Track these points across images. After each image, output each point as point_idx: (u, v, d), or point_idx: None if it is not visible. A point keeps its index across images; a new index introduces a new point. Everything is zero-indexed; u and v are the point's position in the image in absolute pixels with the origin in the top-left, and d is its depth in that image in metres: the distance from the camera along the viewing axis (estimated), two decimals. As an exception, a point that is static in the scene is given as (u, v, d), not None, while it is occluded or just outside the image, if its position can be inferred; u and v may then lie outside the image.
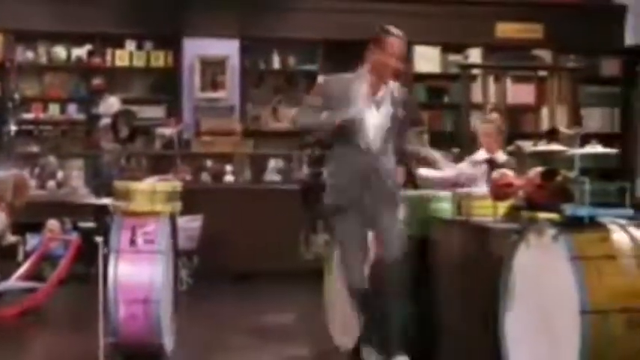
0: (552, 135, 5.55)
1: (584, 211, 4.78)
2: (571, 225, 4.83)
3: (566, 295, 4.67)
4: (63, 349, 7.10)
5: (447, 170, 6.65)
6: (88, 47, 12.15)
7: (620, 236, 4.87)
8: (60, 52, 12.11)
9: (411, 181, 9.22)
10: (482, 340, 5.57)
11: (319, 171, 10.92)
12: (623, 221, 4.96)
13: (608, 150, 5.10)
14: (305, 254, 10.48)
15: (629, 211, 4.92)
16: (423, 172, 7.05)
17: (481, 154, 7.70)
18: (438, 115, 12.73)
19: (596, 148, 5.01)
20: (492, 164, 7.22)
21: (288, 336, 7.66)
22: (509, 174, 5.53)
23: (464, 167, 7.45)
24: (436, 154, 6.51)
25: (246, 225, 10.24)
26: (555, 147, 5.28)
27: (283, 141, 11.99)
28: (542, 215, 5.13)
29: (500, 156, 7.53)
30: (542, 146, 5.48)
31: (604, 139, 6.20)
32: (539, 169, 5.12)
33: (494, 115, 7.92)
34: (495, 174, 5.62)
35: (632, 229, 4.93)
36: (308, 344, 7.33)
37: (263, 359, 6.82)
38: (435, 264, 6.37)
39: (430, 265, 6.41)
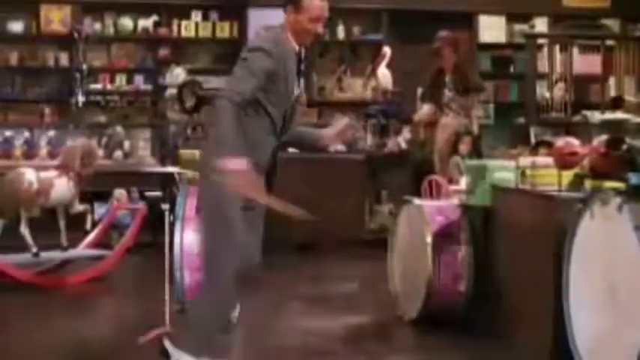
0: (617, 103, 5.51)
1: (649, 180, 4.74)
2: (636, 194, 4.79)
3: (632, 265, 4.64)
4: (130, 315, 7.19)
5: None
6: (154, 18, 12.25)
7: (686, 206, 4.82)
8: (126, 23, 12.22)
9: (475, 150, 9.23)
10: (546, 310, 5.56)
11: (384, 141, 10.97)
12: (689, 191, 4.91)
13: (674, 119, 5.05)
14: (369, 224, 10.52)
15: (696, 181, 4.87)
16: None
17: None
18: (503, 86, 12.67)
19: (662, 117, 4.96)
20: None
21: (351, 304, 7.69)
22: (574, 142, 5.49)
23: None
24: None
25: (310, 194, 10.25)
26: (621, 115, 5.23)
27: (348, 111, 12.00)
28: (607, 184, 5.10)
29: None
30: (608, 115, 5.43)
31: (672, 108, 6.15)
32: (604, 137, 5.08)
33: None
34: (560, 142, 5.60)
35: (699, 199, 4.88)
36: (371, 312, 7.35)
37: (326, 327, 6.85)
38: (498, 233, 6.36)
39: (493, 234, 6.40)
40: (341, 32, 12.50)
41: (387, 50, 10.81)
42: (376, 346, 6.38)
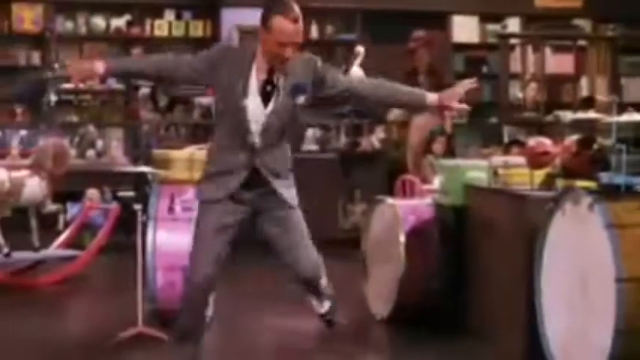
0: (588, 103, 5.54)
1: (620, 179, 4.77)
2: (607, 193, 4.82)
3: (602, 263, 4.68)
4: (102, 316, 7.17)
5: None
6: (127, 17, 12.21)
7: (656, 205, 4.86)
8: (99, 22, 12.18)
9: (449, 149, 9.25)
10: (519, 308, 5.58)
11: (356, 140, 10.98)
12: (660, 190, 4.94)
13: (645, 118, 5.08)
14: (342, 223, 10.52)
15: (667, 180, 4.90)
16: None
17: None
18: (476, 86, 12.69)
19: (633, 116, 4.98)
20: None
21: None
22: (546, 142, 5.52)
23: None
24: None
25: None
26: (593, 115, 5.27)
27: (321, 110, 12.00)
28: (579, 183, 5.13)
29: None
30: (580, 114, 5.47)
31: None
32: (575, 137, 5.11)
33: None
34: (532, 142, 5.62)
35: (669, 198, 4.91)
36: (344, 312, 7.32)
37: (301, 326, 6.84)
38: (471, 232, 6.37)
39: (466, 233, 6.42)
40: (314, 32, 12.49)
41: (360, 49, 10.78)
42: (350, 346, 6.38)
